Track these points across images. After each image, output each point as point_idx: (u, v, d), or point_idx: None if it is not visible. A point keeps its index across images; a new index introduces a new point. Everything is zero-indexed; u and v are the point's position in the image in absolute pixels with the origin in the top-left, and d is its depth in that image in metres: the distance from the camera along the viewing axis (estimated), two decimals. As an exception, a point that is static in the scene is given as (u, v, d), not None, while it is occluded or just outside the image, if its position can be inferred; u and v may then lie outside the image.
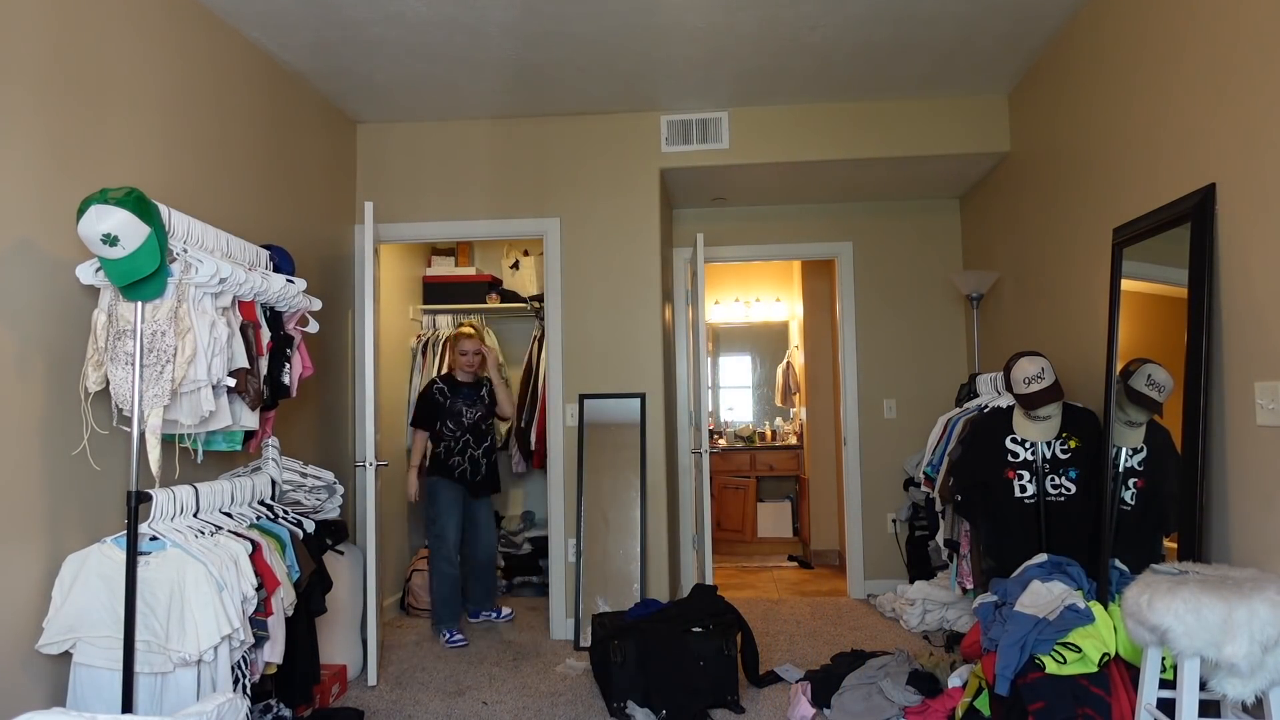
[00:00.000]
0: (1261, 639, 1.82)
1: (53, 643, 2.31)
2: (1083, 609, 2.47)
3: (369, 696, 3.58)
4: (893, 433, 5.22)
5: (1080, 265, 3.49)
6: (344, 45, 3.60)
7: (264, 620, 2.56)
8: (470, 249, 5.80)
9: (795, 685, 3.40)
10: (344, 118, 4.43)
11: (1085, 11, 3.38)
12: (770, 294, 7.19)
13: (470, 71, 3.91)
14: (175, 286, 2.44)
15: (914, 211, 5.31)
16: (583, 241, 4.51)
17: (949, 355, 5.23)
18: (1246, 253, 2.38)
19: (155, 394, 2.37)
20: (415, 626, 4.68)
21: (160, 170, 2.94)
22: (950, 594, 4.16)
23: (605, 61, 3.84)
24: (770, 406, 7.18)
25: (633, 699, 3.26)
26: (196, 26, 3.17)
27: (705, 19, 3.45)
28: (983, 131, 4.36)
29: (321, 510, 3.40)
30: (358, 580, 3.80)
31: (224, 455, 3.16)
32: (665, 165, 4.49)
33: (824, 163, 4.48)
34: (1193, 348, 2.52)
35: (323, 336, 4.03)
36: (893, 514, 5.19)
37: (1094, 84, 3.33)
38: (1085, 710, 2.32)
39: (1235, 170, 2.43)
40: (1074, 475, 3.13)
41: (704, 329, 4.50)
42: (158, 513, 2.45)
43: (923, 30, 3.58)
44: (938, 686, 3.11)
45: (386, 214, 4.54)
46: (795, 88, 4.21)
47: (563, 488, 4.45)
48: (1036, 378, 3.14)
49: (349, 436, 4.42)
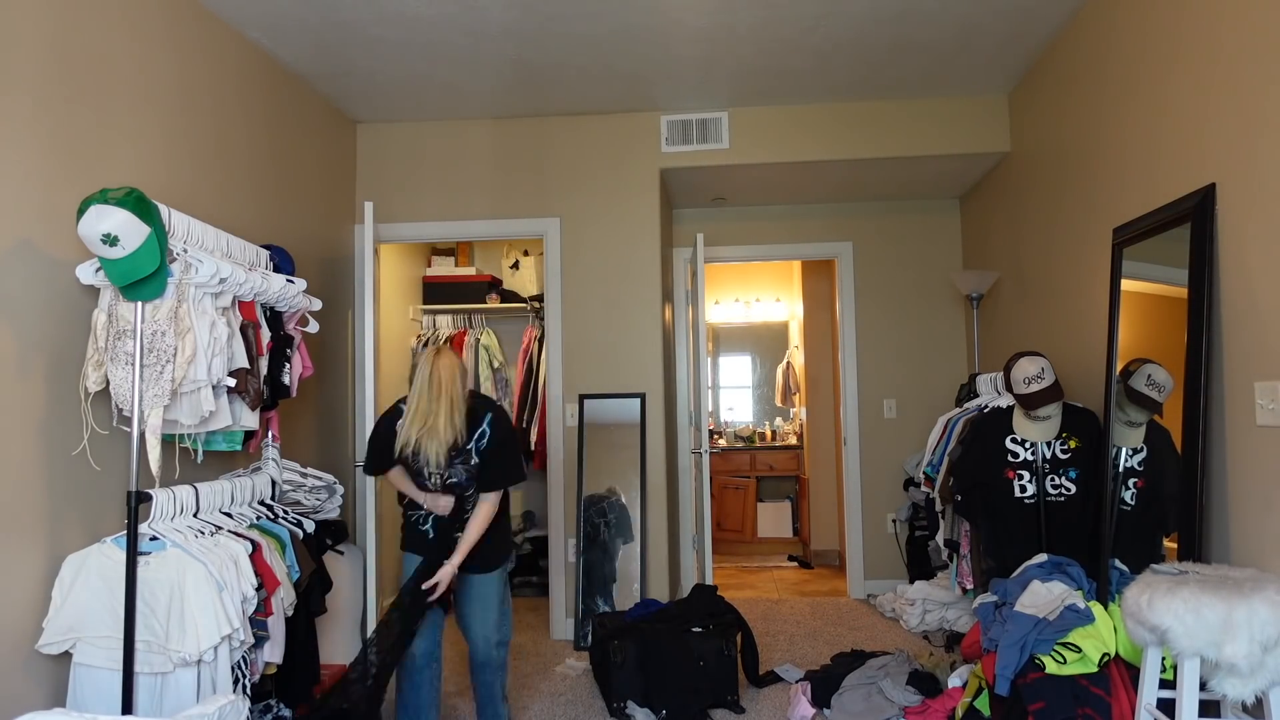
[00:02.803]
0: (1261, 639, 1.82)
1: (53, 643, 2.30)
2: (1083, 609, 2.47)
3: (369, 696, 3.57)
4: (893, 433, 5.22)
5: (1080, 265, 3.49)
6: (344, 45, 3.61)
7: (264, 620, 2.56)
8: (470, 249, 5.80)
9: (795, 685, 3.40)
10: (344, 118, 4.43)
11: (1085, 12, 3.38)
12: (770, 294, 7.19)
13: (470, 71, 3.91)
14: (175, 286, 2.44)
15: (914, 211, 5.31)
16: (583, 241, 4.51)
17: (949, 355, 5.23)
18: (1246, 253, 2.38)
19: (155, 394, 2.37)
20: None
21: (160, 170, 2.94)
22: (950, 594, 4.16)
23: (605, 61, 3.84)
24: (770, 406, 7.18)
25: (633, 699, 3.26)
26: (196, 27, 3.17)
27: (705, 19, 3.45)
28: (983, 131, 4.36)
29: (321, 510, 3.40)
30: (358, 580, 3.80)
31: (224, 455, 3.16)
32: (665, 165, 4.49)
33: (824, 163, 4.48)
34: (1193, 348, 2.52)
35: (323, 336, 4.03)
36: (893, 514, 5.19)
37: (1094, 84, 3.33)
38: (1085, 710, 2.32)
39: (1235, 170, 2.43)
40: (1074, 475, 3.13)
41: (704, 329, 4.50)
42: (158, 513, 2.45)
43: (923, 30, 3.58)
44: (938, 686, 3.11)
45: (386, 214, 4.54)
46: (795, 88, 4.21)
47: (563, 488, 4.45)
48: (1036, 378, 3.15)
49: (349, 436, 4.41)
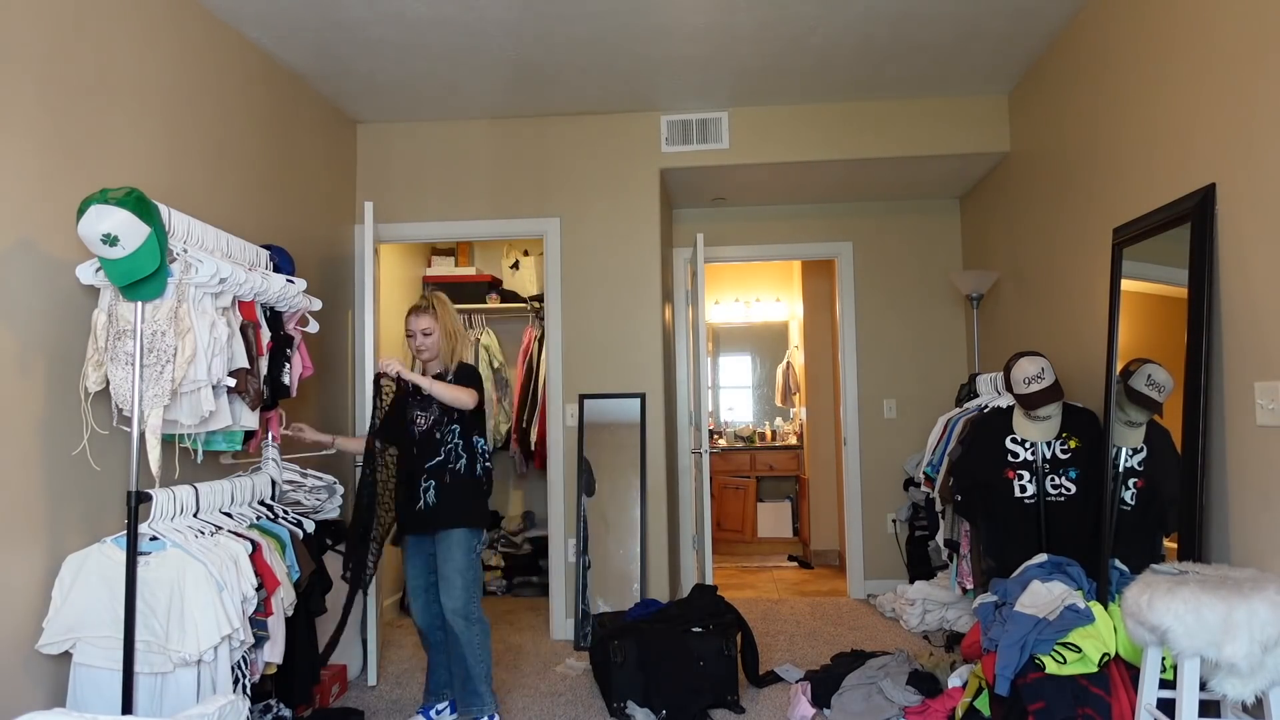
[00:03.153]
0: (1261, 639, 1.82)
1: (53, 643, 2.31)
2: (1083, 609, 2.47)
3: (369, 696, 3.58)
4: (893, 433, 5.22)
5: (1080, 265, 3.49)
6: (344, 45, 3.60)
7: (264, 620, 2.56)
8: (470, 249, 5.80)
9: (795, 685, 3.40)
10: (344, 118, 4.42)
11: (1085, 12, 3.38)
12: (770, 294, 7.19)
13: (470, 71, 3.91)
14: (175, 286, 2.45)
15: (914, 211, 5.31)
16: (583, 241, 4.51)
17: (949, 355, 5.23)
18: (1246, 253, 2.38)
19: (155, 394, 2.37)
20: (415, 627, 4.66)
21: (160, 170, 2.94)
22: (950, 594, 4.16)
23: (605, 61, 3.84)
24: (770, 406, 7.18)
25: (633, 699, 3.26)
26: (197, 27, 3.17)
27: (705, 19, 3.45)
28: (983, 131, 4.36)
29: (321, 510, 3.40)
30: (358, 580, 3.80)
31: (224, 455, 3.16)
32: (665, 165, 4.49)
33: (824, 163, 4.48)
34: (1193, 348, 2.52)
35: (323, 336, 4.03)
36: (893, 514, 5.18)
37: (1094, 84, 3.33)
38: (1085, 710, 2.32)
39: (1235, 170, 2.43)
40: (1074, 475, 3.13)
41: (704, 329, 4.49)
42: (158, 513, 2.45)
43: (923, 30, 3.58)
44: (938, 686, 3.11)
45: (386, 214, 4.54)
46: (795, 88, 4.21)
47: (563, 488, 4.45)
48: (1036, 378, 3.14)
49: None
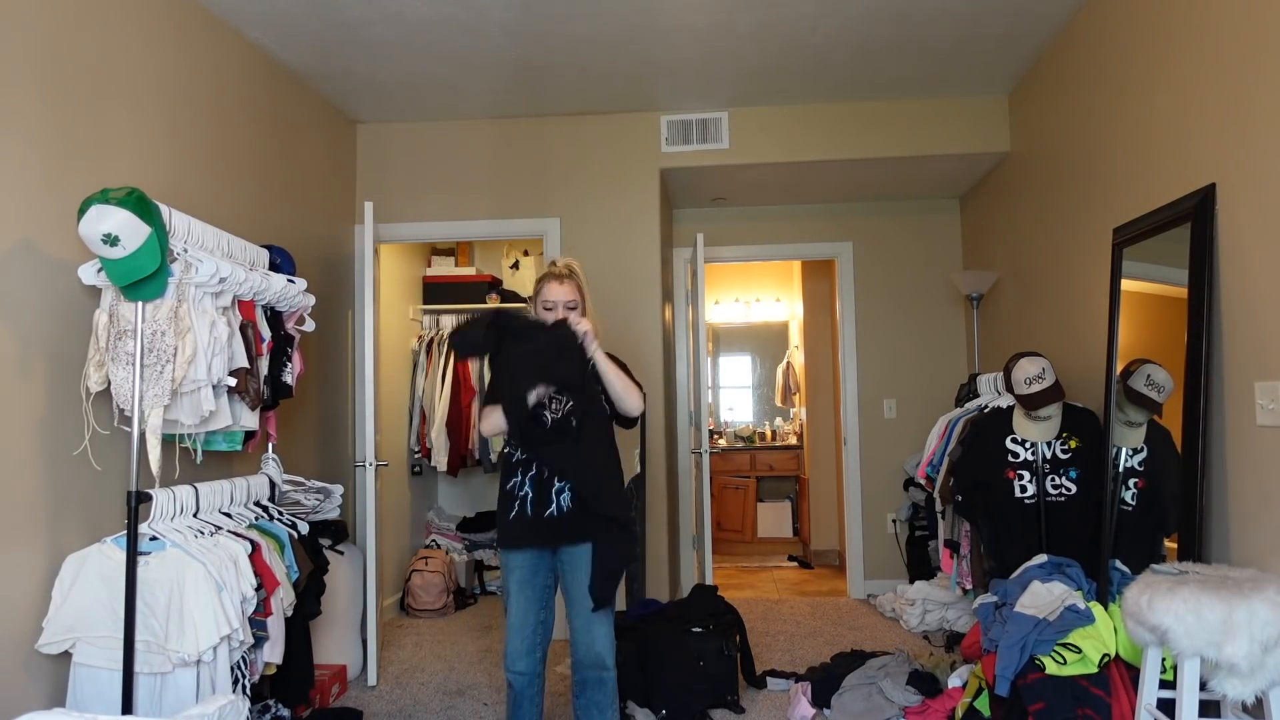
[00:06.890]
0: (1261, 639, 1.82)
1: (53, 643, 2.30)
2: (1083, 609, 2.46)
3: (369, 696, 3.58)
4: (893, 433, 5.22)
5: (1080, 265, 3.49)
6: (344, 45, 3.60)
7: (263, 620, 2.56)
8: (470, 249, 5.79)
9: (795, 685, 3.40)
10: (344, 118, 4.42)
11: (1085, 12, 3.38)
12: (770, 294, 7.19)
13: (470, 71, 3.91)
14: (175, 286, 2.44)
15: (914, 211, 5.31)
16: (583, 242, 4.50)
17: (949, 355, 5.23)
18: (1246, 253, 2.38)
19: (155, 394, 2.37)
20: (415, 626, 4.68)
21: (161, 170, 2.94)
22: (950, 594, 4.16)
23: (605, 61, 3.84)
24: (770, 406, 7.18)
25: (633, 699, 3.25)
26: (197, 26, 3.17)
27: (705, 19, 3.45)
28: (983, 131, 4.36)
29: (320, 510, 3.40)
30: (358, 580, 3.80)
31: (223, 455, 3.15)
32: (665, 165, 4.49)
33: (824, 163, 4.48)
34: (1193, 348, 2.52)
35: (323, 336, 4.03)
36: (893, 514, 5.18)
37: (1094, 84, 3.32)
38: (1085, 711, 2.32)
39: (1235, 170, 2.43)
40: (1074, 475, 3.13)
41: (704, 329, 4.49)
42: (158, 513, 2.45)
43: (923, 30, 3.58)
44: (938, 686, 3.11)
45: (387, 214, 4.53)
46: (795, 88, 4.21)
47: (563, 488, 4.44)
48: (1037, 378, 3.14)
49: (349, 436, 4.41)
